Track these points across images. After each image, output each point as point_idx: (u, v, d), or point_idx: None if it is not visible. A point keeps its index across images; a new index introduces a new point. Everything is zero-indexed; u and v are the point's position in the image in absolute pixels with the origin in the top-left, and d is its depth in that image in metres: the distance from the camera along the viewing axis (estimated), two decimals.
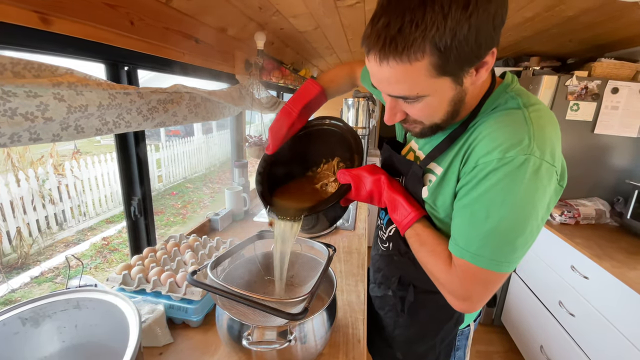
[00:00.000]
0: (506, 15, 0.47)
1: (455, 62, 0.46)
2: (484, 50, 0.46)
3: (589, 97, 1.67)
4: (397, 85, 0.50)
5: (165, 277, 0.87)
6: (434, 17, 0.42)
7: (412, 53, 0.44)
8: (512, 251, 0.51)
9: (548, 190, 0.50)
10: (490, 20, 0.44)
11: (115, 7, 0.77)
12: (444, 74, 0.47)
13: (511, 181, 0.49)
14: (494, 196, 0.50)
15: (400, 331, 0.84)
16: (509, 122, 0.52)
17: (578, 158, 1.75)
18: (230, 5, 1.09)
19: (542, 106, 0.55)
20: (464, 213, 0.55)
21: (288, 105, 0.73)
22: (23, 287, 2.90)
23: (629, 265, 1.30)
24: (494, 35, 0.46)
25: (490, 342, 2.03)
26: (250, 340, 0.63)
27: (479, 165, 0.52)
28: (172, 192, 5.62)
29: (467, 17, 0.42)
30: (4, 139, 0.55)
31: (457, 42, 0.43)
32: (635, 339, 1.20)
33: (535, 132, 0.49)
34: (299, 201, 0.73)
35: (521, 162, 0.48)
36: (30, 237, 3.36)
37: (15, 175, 3.24)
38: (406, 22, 0.43)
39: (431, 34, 0.42)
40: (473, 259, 0.53)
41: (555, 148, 0.51)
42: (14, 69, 0.53)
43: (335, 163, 0.81)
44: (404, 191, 0.65)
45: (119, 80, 0.89)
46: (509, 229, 0.51)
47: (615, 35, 1.54)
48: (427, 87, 0.49)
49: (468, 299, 0.57)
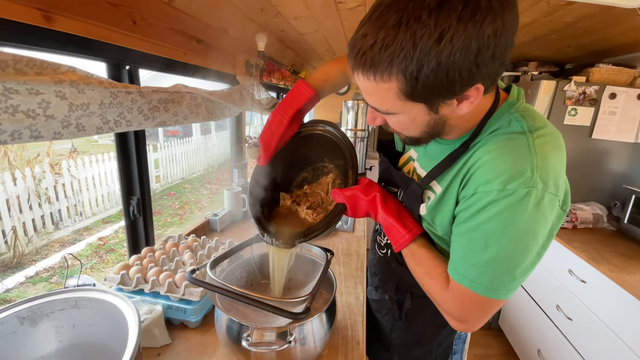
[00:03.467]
0: (508, 49, 0.42)
1: (425, 92, 0.44)
2: (459, 86, 0.43)
3: (587, 102, 1.68)
4: (368, 96, 0.50)
5: (164, 277, 0.86)
6: (405, 43, 0.39)
7: (378, 74, 0.43)
8: (511, 280, 0.51)
9: (550, 219, 0.49)
10: (471, 56, 0.40)
11: (117, 6, 0.77)
12: (414, 100, 0.46)
13: (511, 214, 0.47)
14: (494, 227, 0.49)
15: (397, 335, 0.84)
16: (511, 150, 0.50)
17: (576, 163, 1.76)
18: (232, 6, 1.09)
19: (548, 129, 0.53)
20: (463, 240, 0.54)
21: (279, 112, 0.68)
22: (18, 287, 2.87)
23: (626, 269, 1.31)
24: (479, 72, 0.42)
25: (488, 345, 2.03)
26: (250, 341, 0.63)
27: (478, 193, 0.51)
28: (169, 192, 5.59)
29: (437, 52, 0.39)
30: (5, 136, 0.54)
31: (424, 75, 0.41)
32: (632, 343, 1.20)
33: (539, 162, 0.48)
34: (293, 224, 0.71)
35: (523, 196, 0.47)
36: (25, 236, 3.33)
37: (12, 174, 3.23)
38: (379, 39, 0.40)
39: (398, 60, 0.40)
40: (471, 285, 0.52)
41: (559, 176, 0.49)
42: (16, 65, 0.53)
43: (330, 180, 0.77)
44: (398, 210, 0.63)
45: (120, 79, 0.89)
46: (508, 260, 0.50)
47: (613, 42, 1.56)
48: (397, 107, 0.48)
49: (465, 321, 0.57)
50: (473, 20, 0.38)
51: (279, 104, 0.69)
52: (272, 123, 0.68)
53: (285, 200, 0.77)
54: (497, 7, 0.38)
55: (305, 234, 0.67)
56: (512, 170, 0.47)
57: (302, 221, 0.73)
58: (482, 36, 0.39)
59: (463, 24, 0.38)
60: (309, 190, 0.78)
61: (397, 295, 0.81)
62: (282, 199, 0.78)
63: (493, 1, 0.38)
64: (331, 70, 0.77)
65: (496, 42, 0.40)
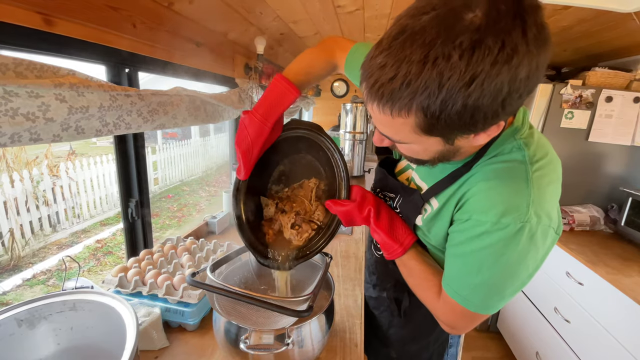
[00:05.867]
0: (532, 86, 0.39)
1: (444, 129, 0.41)
2: (482, 125, 0.41)
3: (583, 105, 1.69)
4: (381, 126, 0.47)
5: (162, 279, 0.86)
6: (430, 82, 0.36)
7: (396, 109, 0.40)
8: (500, 299, 0.53)
9: (543, 247, 0.50)
10: (499, 99, 0.37)
11: (117, 10, 0.78)
12: (430, 135, 0.43)
13: (504, 247, 0.49)
14: (486, 256, 0.51)
15: (395, 331, 0.85)
16: (509, 181, 0.49)
17: (573, 165, 1.77)
18: (232, 9, 1.10)
19: (548, 159, 0.52)
20: (457, 263, 0.56)
21: (258, 117, 0.57)
22: (15, 290, 2.86)
23: (623, 272, 1.31)
24: (504, 112, 0.39)
25: (487, 348, 2.03)
26: (248, 343, 0.63)
27: (472, 219, 0.51)
28: (168, 194, 5.58)
29: (465, 95, 0.36)
30: (5, 139, 0.54)
31: (446, 114, 0.38)
32: (629, 345, 1.20)
33: (535, 196, 0.47)
34: (282, 244, 0.70)
35: (516, 230, 0.47)
36: (23, 238, 3.32)
37: (10, 176, 3.22)
38: (400, 74, 0.37)
39: (420, 98, 0.37)
40: (463, 302, 0.54)
41: (553, 207, 0.50)
42: (16, 69, 0.53)
43: (314, 186, 0.73)
44: (390, 223, 0.64)
45: (119, 82, 0.90)
46: (499, 284, 0.52)
47: (609, 45, 1.58)
48: (411, 139, 0.45)
49: (454, 328, 0.61)
50: (508, 65, 0.35)
51: (256, 106, 0.58)
52: (250, 131, 0.57)
53: (269, 208, 0.72)
54: (534, 50, 0.35)
55: (305, 254, 0.68)
56: (508, 203, 0.48)
57: (286, 244, 0.71)
58: (515, 81, 0.36)
59: (497, 68, 0.34)
60: (291, 193, 0.74)
61: (396, 294, 0.81)
62: (265, 206, 0.72)
63: (531, 44, 0.35)
64: (315, 62, 0.69)
65: (527, 84, 0.37)
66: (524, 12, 0.34)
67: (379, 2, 1.22)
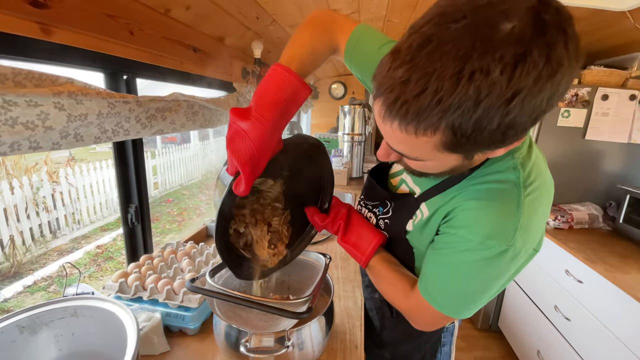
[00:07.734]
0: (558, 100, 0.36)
1: (470, 147, 0.38)
2: (509, 141, 0.38)
3: (580, 104, 1.70)
4: (396, 143, 0.43)
5: (162, 284, 0.87)
6: (464, 99, 0.32)
7: (421, 128, 0.36)
8: (474, 307, 0.55)
9: (522, 265, 0.52)
10: (534, 116, 0.35)
11: (115, 18, 0.78)
12: (453, 152, 0.40)
13: (486, 265, 0.50)
14: (467, 271, 0.52)
15: (388, 332, 0.85)
16: (500, 204, 0.48)
17: (570, 164, 1.78)
18: (228, 15, 1.11)
19: (541, 180, 0.50)
20: (436, 268, 0.57)
21: (266, 122, 0.46)
22: (16, 296, 2.86)
23: (622, 269, 1.32)
24: (531, 126, 0.37)
25: (488, 347, 2.03)
26: (248, 347, 0.64)
27: (458, 234, 0.52)
28: (168, 199, 5.59)
29: (503, 114, 0.33)
30: (4, 148, 0.55)
31: (478, 132, 0.35)
32: (629, 342, 1.21)
33: (524, 221, 0.47)
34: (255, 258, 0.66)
35: (500, 252, 0.48)
36: (23, 245, 3.32)
37: (10, 183, 3.22)
38: (429, 91, 0.33)
39: (452, 117, 0.34)
40: (437, 305, 0.56)
41: (539, 230, 0.50)
42: (15, 78, 0.54)
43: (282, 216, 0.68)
44: (357, 236, 0.67)
45: (118, 89, 0.90)
46: (475, 294, 0.54)
47: (604, 44, 1.59)
48: (430, 156, 0.42)
49: (425, 327, 0.65)
50: (552, 80, 0.32)
51: (260, 108, 0.47)
52: (253, 137, 0.46)
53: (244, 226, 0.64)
54: (575, 64, 0.33)
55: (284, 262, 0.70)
56: (496, 226, 0.48)
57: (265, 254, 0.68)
58: (554, 96, 0.34)
59: (540, 84, 0.32)
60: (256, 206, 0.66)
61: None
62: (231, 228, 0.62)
63: (572, 58, 0.32)
64: (318, 47, 0.59)
65: (560, 98, 0.35)
66: (564, 23, 0.32)
67: (374, 5, 1.23)
